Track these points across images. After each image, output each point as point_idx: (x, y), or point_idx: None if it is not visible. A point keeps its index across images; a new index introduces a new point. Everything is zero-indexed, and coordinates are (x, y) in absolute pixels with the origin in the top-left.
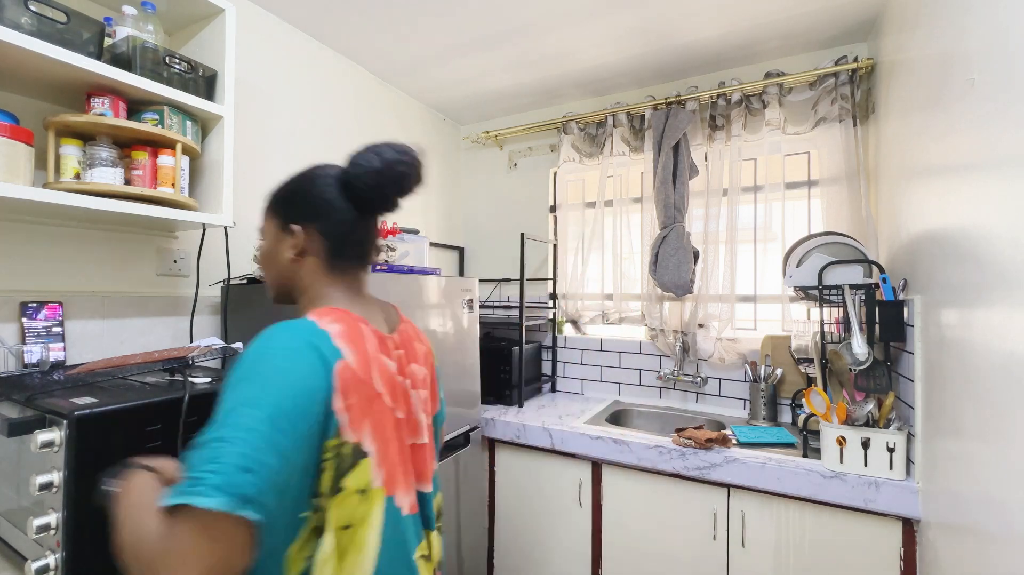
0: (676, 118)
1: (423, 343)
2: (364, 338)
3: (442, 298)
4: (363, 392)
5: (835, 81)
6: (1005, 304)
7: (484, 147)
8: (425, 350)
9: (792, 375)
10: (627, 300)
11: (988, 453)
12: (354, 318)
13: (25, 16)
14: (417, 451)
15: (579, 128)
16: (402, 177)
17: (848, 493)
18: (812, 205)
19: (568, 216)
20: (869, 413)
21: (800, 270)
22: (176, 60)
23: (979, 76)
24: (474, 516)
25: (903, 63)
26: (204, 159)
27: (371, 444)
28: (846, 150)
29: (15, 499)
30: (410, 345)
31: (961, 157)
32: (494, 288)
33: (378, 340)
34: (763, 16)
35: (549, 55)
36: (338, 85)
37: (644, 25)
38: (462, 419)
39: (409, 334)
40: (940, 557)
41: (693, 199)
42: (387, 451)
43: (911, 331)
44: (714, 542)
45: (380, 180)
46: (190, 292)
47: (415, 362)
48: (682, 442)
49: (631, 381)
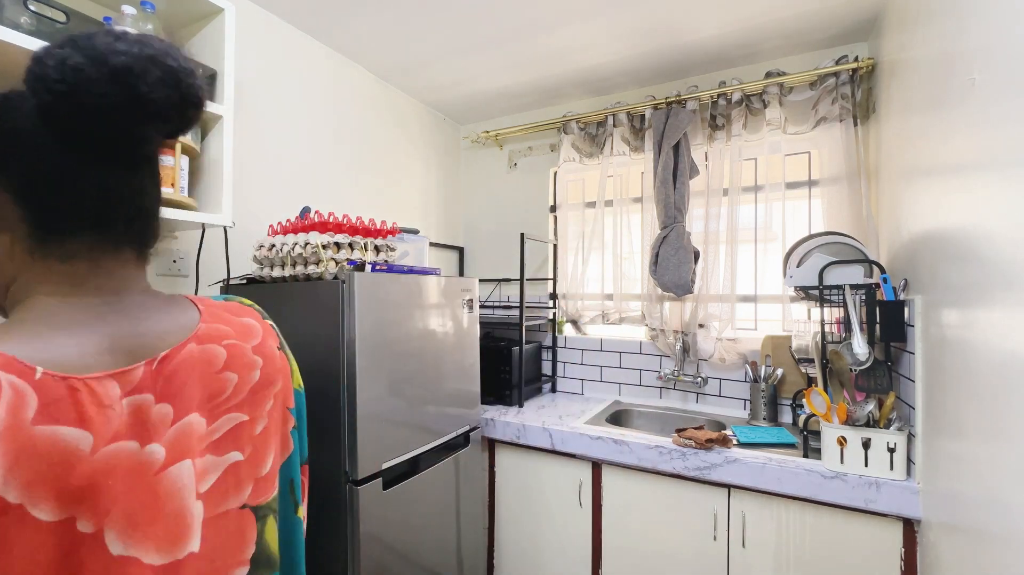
0: (676, 118)
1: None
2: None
3: (442, 298)
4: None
5: (835, 81)
6: (1006, 304)
7: (484, 147)
8: (251, 380)
9: (792, 375)
10: (627, 300)
11: (989, 453)
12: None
13: (24, 16)
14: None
15: (579, 128)
16: (127, 74)
17: (849, 493)
18: (812, 205)
19: (568, 216)
20: (870, 413)
21: (800, 270)
22: None
23: (980, 75)
24: (474, 516)
25: (904, 63)
26: (203, 159)
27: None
28: (846, 150)
29: None
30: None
31: (962, 157)
32: (494, 288)
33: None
34: (763, 15)
35: (549, 55)
36: (338, 85)
37: (644, 24)
38: (462, 419)
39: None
40: (941, 558)
41: (693, 199)
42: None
43: (912, 331)
44: (714, 542)
45: (81, 81)
46: (189, 292)
47: (199, 411)
48: (682, 442)
49: (631, 381)
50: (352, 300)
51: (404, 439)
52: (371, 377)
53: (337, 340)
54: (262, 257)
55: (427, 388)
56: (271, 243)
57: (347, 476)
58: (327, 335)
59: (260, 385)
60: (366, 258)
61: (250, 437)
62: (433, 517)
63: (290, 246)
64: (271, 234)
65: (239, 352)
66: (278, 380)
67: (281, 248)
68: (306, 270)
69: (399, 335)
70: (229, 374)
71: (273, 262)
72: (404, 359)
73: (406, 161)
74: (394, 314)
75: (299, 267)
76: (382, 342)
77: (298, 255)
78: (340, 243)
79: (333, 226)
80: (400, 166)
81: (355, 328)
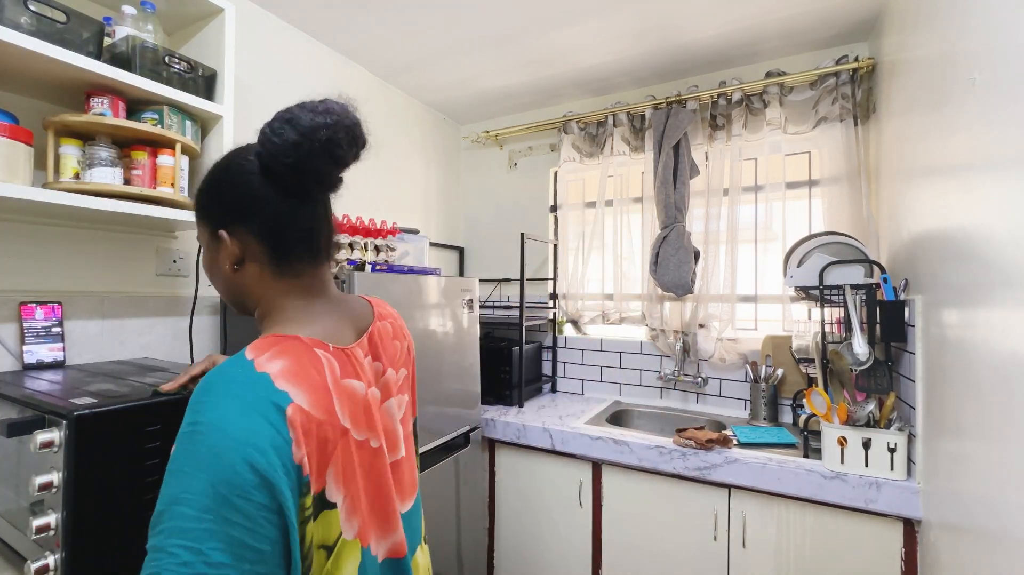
0: (676, 118)
1: (404, 338)
2: (320, 367)
3: (442, 298)
4: (323, 434)
5: (836, 81)
6: (1006, 304)
7: (484, 147)
8: (405, 347)
9: (793, 375)
10: (627, 300)
11: (989, 453)
12: (304, 345)
13: (25, 16)
14: (396, 468)
15: (579, 128)
16: (330, 144)
17: (849, 493)
18: (813, 205)
19: (568, 216)
20: (870, 413)
21: (801, 270)
22: (175, 60)
23: (980, 75)
24: (474, 517)
25: (904, 63)
26: (204, 159)
27: (338, 493)
28: (847, 150)
29: (15, 499)
30: (385, 348)
31: (962, 157)
32: (494, 288)
33: (340, 363)
34: (764, 15)
35: (549, 55)
36: (338, 85)
37: (644, 24)
38: (462, 419)
39: (384, 333)
40: (941, 558)
41: (693, 199)
42: (358, 497)
43: (912, 331)
44: (715, 543)
45: (302, 155)
46: (189, 292)
47: (392, 366)
48: (683, 443)
49: (631, 381)
50: None
51: None
52: None
53: None
54: None
55: (427, 388)
56: None
57: None
58: None
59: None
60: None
61: (408, 385)
62: (433, 517)
63: None
64: None
65: (398, 326)
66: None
67: None
68: None
69: None
70: (397, 342)
71: None
72: None
73: (406, 161)
74: None
75: None
76: None
77: None
78: (340, 243)
79: None
80: (400, 166)
81: None
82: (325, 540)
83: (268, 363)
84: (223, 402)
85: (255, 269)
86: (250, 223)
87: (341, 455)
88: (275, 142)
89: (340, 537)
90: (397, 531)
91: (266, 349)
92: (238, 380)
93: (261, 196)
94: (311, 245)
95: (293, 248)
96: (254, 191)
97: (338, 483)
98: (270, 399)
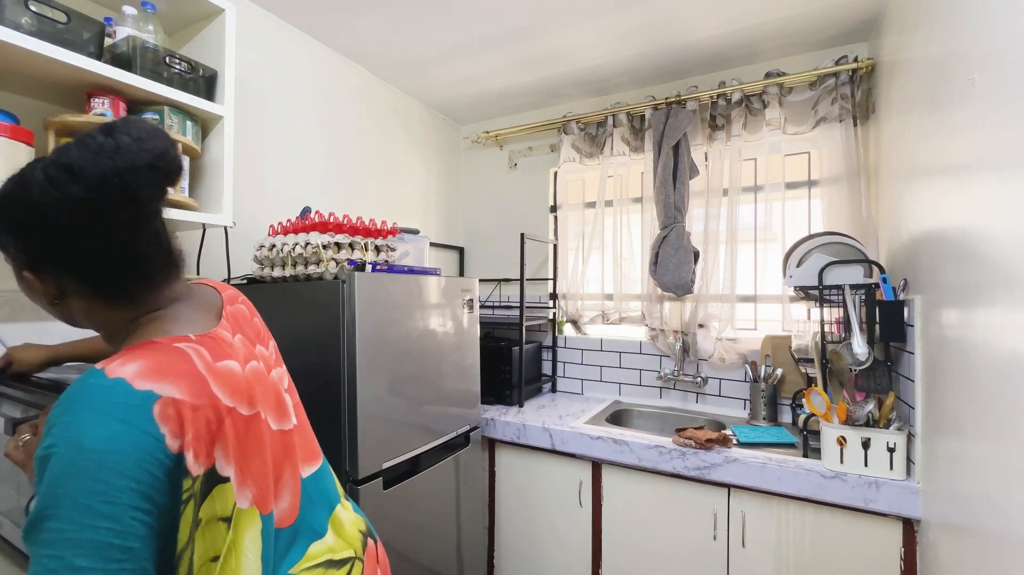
0: (676, 118)
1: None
2: (186, 358)
3: (442, 298)
4: (203, 417)
5: (835, 81)
6: (1005, 304)
7: (484, 147)
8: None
9: (792, 375)
10: (627, 300)
11: (989, 453)
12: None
13: (25, 16)
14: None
15: (579, 128)
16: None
17: (848, 493)
18: (812, 205)
19: (568, 216)
20: (869, 413)
21: (800, 270)
22: (176, 60)
23: (979, 76)
24: (474, 516)
25: (903, 63)
26: (204, 159)
27: (228, 467)
28: (846, 150)
29: (15, 499)
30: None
31: (961, 157)
32: (494, 288)
33: (209, 348)
34: (763, 16)
35: (549, 55)
36: (338, 85)
37: (644, 25)
38: (462, 419)
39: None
40: (940, 557)
41: (693, 199)
42: (248, 468)
43: (911, 331)
44: (714, 542)
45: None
46: None
47: (260, 342)
48: (682, 442)
49: (631, 381)
50: (352, 300)
51: (404, 439)
52: (371, 377)
53: (337, 340)
54: (263, 257)
55: (427, 388)
56: (272, 243)
57: (348, 476)
58: (327, 335)
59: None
60: (366, 258)
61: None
62: (433, 517)
63: (290, 246)
64: (271, 234)
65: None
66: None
67: (282, 248)
68: (306, 270)
69: (399, 335)
70: (256, 319)
71: (274, 262)
72: (404, 359)
73: (406, 161)
74: (394, 314)
75: (299, 267)
76: (382, 342)
77: (298, 255)
78: (340, 243)
79: (333, 226)
80: (400, 166)
81: (355, 328)
82: (223, 512)
83: (121, 368)
84: (76, 418)
85: (81, 303)
86: (59, 265)
87: (230, 432)
88: (54, 196)
89: (235, 507)
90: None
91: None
92: (90, 392)
93: (67, 235)
94: (145, 272)
95: (121, 281)
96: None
97: (227, 458)
98: (128, 402)
